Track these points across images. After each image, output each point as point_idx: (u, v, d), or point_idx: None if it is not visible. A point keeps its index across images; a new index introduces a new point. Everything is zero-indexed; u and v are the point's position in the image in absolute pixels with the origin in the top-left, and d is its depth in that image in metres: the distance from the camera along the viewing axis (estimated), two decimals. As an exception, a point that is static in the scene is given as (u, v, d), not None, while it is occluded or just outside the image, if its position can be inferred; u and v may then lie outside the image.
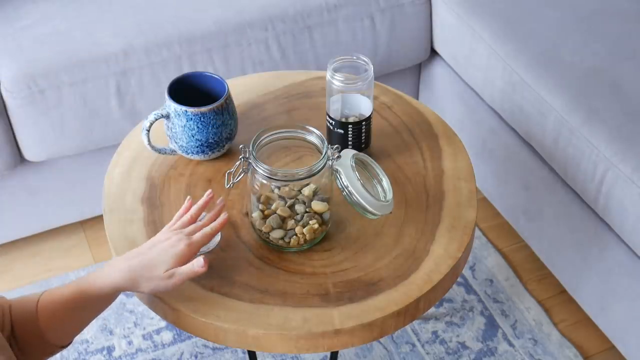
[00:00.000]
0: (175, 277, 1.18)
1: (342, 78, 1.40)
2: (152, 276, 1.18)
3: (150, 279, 1.18)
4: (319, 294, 1.27)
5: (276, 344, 1.24)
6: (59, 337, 1.19)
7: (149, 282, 1.18)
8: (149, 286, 1.19)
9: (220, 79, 1.46)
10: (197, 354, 1.83)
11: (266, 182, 1.28)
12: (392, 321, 1.26)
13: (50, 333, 1.17)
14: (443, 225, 1.38)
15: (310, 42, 1.97)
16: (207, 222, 1.25)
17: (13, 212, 1.97)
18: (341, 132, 1.44)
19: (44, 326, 1.16)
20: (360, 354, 1.83)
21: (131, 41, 1.84)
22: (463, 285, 1.98)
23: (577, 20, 1.88)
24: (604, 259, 1.72)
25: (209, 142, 1.44)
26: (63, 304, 1.17)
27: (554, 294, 1.97)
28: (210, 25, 1.89)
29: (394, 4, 2.02)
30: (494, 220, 2.13)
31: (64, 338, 1.20)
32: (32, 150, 1.85)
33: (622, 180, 1.59)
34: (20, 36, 1.84)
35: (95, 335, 1.87)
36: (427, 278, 1.30)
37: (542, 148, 1.79)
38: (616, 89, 1.71)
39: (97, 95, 1.82)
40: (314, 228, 1.31)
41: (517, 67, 1.81)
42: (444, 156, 1.50)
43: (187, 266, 1.19)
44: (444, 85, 2.15)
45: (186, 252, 1.19)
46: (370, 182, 1.33)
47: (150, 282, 1.18)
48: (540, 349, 1.85)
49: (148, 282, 1.18)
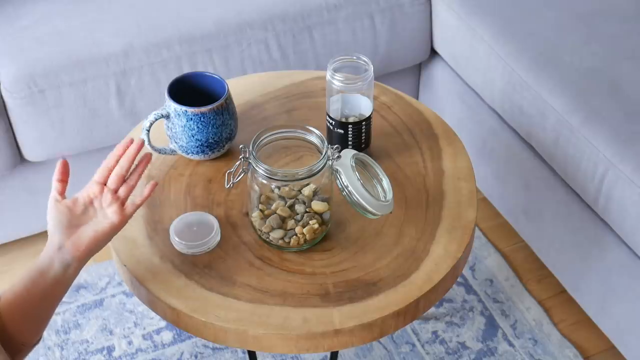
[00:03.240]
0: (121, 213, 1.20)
1: (342, 78, 1.40)
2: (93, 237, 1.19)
3: (91, 239, 1.19)
4: (319, 294, 1.27)
5: (276, 344, 1.24)
6: (27, 334, 1.17)
7: (94, 241, 1.19)
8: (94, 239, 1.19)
9: (220, 79, 1.46)
10: (197, 354, 1.83)
11: (266, 182, 1.28)
12: (392, 321, 1.26)
13: (18, 332, 1.15)
14: (443, 225, 1.38)
15: (310, 42, 1.97)
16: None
17: (13, 212, 1.97)
18: (341, 132, 1.44)
19: (10, 326, 1.14)
20: (360, 354, 1.83)
21: (131, 41, 1.84)
22: (463, 285, 1.98)
23: (577, 20, 1.88)
24: (604, 259, 1.72)
25: (209, 142, 1.44)
26: (23, 299, 1.15)
27: (554, 294, 1.97)
28: (210, 25, 1.89)
29: (394, 4, 2.02)
30: (494, 220, 2.13)
31: (32, 334, 1.18)
32: (32, 150, 1.85)
33: (622, 180, 1.59)
34: (20, 36, 1.84)
35: (95, 335, 1.87)
36: (427, 278, 1.30)
37: (542, 148, 1.79)
38: (616, 89, 1.71)
39: (97, 95, 1.82)
40: (314, 228, 1.31)
41: (517, 67, 1.81)
42: (444, 156, 1.50)
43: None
44: (444, 85, 2.15)
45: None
46: (370, 182, 1.33)
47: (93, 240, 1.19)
48: (540, 349, 1.85)
49: (92, 242, 1.19)
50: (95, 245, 1.19)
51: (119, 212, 1.20)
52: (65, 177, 1.21)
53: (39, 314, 1.18)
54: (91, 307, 1.92)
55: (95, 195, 1.21)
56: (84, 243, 1.18)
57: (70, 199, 1.21)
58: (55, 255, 1.17)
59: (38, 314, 1.18)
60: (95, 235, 1.19)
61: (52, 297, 1.18)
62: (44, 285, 1.16)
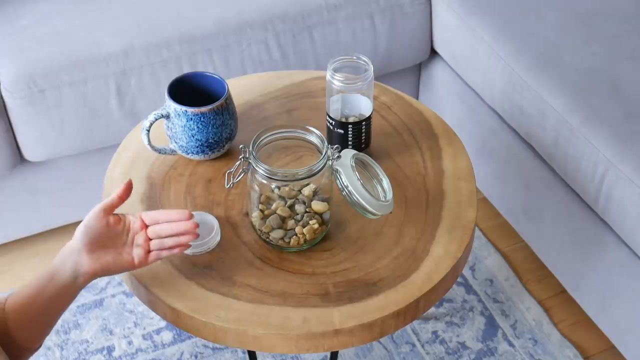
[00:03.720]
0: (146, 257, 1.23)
1: (342, 78, 1.40)
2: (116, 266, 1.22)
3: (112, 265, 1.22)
4: (319, 294, 1.27)
5: (276, 344, 1.24)
6: (30, 339, 1.18)
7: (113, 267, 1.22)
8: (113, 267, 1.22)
9: (220, 79, 1.46)
10: (197, 354, 1.83)
11: (266, 182, 1.28)
12: (392, 321, 1.26)
13: (22, 336, 1.16)
14: (443, 225, 1.38)
15: (310, 42, 1.97)
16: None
17: (13, 212, 1.97)
18: (341, 132, 1.44)
19: (14, 330, 1.15)
20: (360, 354, 1.83)
21: (131, 41, 1.84)
22: (463, 285, 1.98)
23: (577, 20, 1.88)
24: (604, 259, 1.72)
25: (209, 142, 1.44)
26: (30, 304, 1.16)
27: (554, 294, 1.97)
28: (210, 25, 1.89)
29: (394, 4, 2.01)
30: (494, 220, 2.13)
31: (35, 340, 1.19)
32: (32, 150, 1.85)
33: (622, 180, 1.59)
34: (20, 36, 1.84)
35: (95, 335, 1.87)
36: (427, 278, 1.30)
37: (542, 148, 1.79)
38: (616, 89, 1.71)
39: (97, 95, 1.82)
40: (314, 228, 1.31)
41: (517, 67, 1.81)
42: (444, 156, 1.50)
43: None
44: (444, 85, 2.15)
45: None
46: (370, 182, 1.33)
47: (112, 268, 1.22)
48: (540, 349, 1.85)
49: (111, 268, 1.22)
50: (107, 272, 1.22)
51: (142, 258, 1.22)
52: (125, 197, 1.23)
53: (43, 321, 1.19)
54: (91, 307, 1.92)
55: (135, 231, 1.23)
56: (100, 264, 1.20)
57: (116, 216, 1.22)
58: (69, 258, 1.19)
59: (43, 321, 1.19)
60: (113, 264, 1.21)
61: (58, 304, 1.19)
62: (51, 292, 1.17)
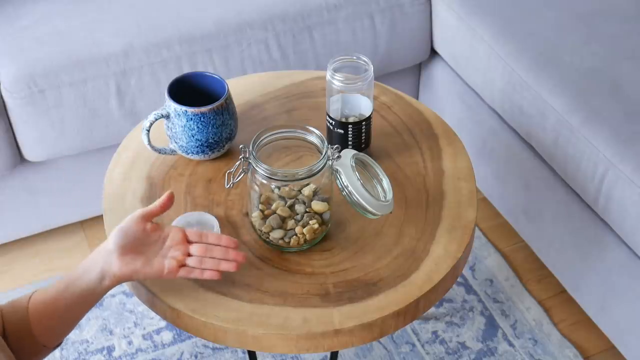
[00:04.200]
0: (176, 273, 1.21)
1: (342, 78, 1.40)
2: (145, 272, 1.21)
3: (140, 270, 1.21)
4: (319, 294, 1.27)
5: (276, 344, 1.24)
6: (50, 337, 1.18)
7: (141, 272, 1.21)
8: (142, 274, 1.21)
9: (220, 79, 1.46)
10: (197, 354, 1.83)
11: (266, 182, 1.28)
12: (392, 321, 1.26)
13: (42, 334, 1.16)
14: (443, 225, 1.38)
15: (310, 42, 1.97)
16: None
17: (13, 212, 1.97)
18: (341, 132, 1.44)
19: (35, 327, 1.16)
20: (360, 354, 1.83)
21: (131, 41, 1.84)
22: (463, 285, 1.98)
23: (577, 20, 1.88)
24: (604, 259, 1.72)
25: (209, 142, 1.44)
26: (53, 302, 1.17)
27: (554, 294, 1.97)
28: (210, 25, 1.89)
29: (394, 4, 2.01)
30: (494, 220, 2.13)
31: (55, 338, 1.19)
32: (32, 150, 1.85)
33: (622, 180, 1.59)
34: (20, 36, 1.84)
35: (95, 335, 1.87)
36: (427, 278, 1.30)
37: (542, 148, 1.79)
38: (616, 89, 1.71)
39: (97, 95, 1.82)
40: (314, 228, 1.31)
41: (517, 67, 1.81)
42: (444, 156, 1.50)
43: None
44: (444, 85, 2.15)
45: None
46: (370, 182, 1.33)
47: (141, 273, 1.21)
48: (540, 349, 1.85)
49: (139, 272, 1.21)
50: (133, 277, 1.20)
51: (173, 269, 1.20)
52: (166, 207, 1.22)
53: (65, 320, 1.19)
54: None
55: (173, 242, 1.21)
56: (128, 268, 1.19)
57: (155, 224, 1.21)
58: (100, 259, 1.18)
59: (64, 320, 1.19)
60: (141, 270, 1.20)
61: (81, 305, 1.19)
62: (75, 292, 1.17)
